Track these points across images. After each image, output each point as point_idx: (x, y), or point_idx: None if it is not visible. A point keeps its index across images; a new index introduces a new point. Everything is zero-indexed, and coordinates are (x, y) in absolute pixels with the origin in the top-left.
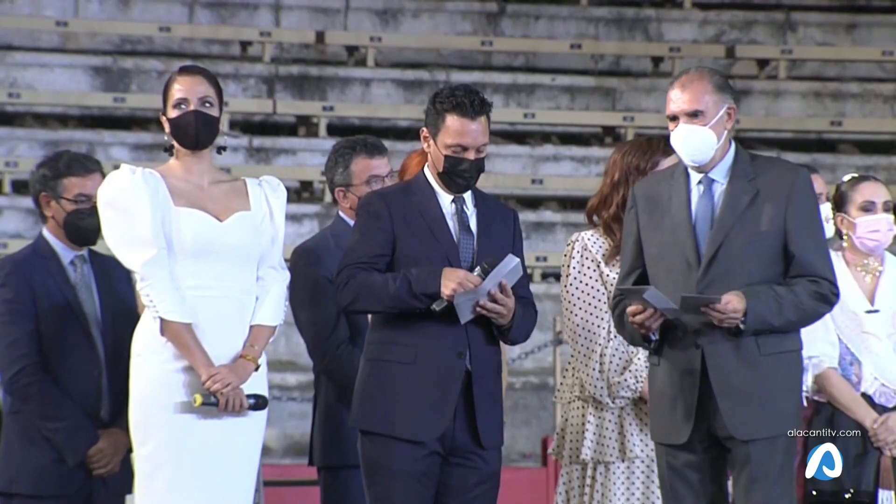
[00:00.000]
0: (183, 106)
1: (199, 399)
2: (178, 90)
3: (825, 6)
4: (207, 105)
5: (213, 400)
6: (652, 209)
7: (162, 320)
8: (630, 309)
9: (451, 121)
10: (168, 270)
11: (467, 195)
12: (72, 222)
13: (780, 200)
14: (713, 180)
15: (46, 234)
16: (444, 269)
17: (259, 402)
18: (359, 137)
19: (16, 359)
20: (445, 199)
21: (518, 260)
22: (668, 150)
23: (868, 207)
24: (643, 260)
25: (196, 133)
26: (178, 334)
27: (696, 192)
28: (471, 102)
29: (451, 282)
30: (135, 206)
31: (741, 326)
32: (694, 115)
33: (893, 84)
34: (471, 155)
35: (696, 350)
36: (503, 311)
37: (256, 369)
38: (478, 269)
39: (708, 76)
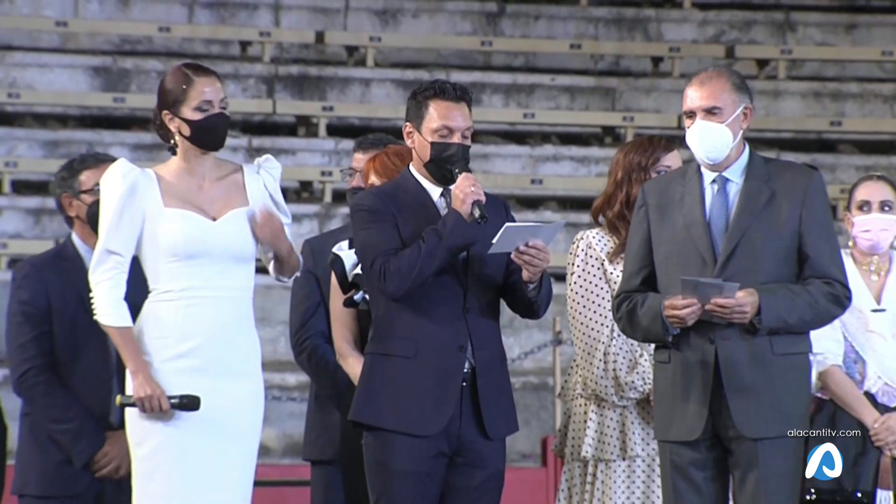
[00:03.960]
0: (207, 109)
1: (118, 399)
2: (201, 92)
3: (825, 6)
4: (224, 107)
5: (132, 400)
6: (663, 208)
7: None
8: (680, 302)
9: (435, 105)
10: (113, 274)
11: None
12: (93, 213)
13: (796, 202)
14: (728, 179)
15: (74, 238)
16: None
17: (184, 402)
18: (376, 134)
19: (23, 360)
20: (435, 192)
21: (559, 227)
22: (670, 147)
23: (863, 207)
24: (652, 258)
25: (224, 135)
26: (113, 337)
27: (709, 190)
28: (452, 87)
29: (468, 188)
30: (108, 203)
31: (756, 324)
32: (711, 111)
33: (893, 84)
34: (456, 138)
35: (710, 346)
36: (541, 263)
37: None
38: (476, 210)
39: (726, 75)
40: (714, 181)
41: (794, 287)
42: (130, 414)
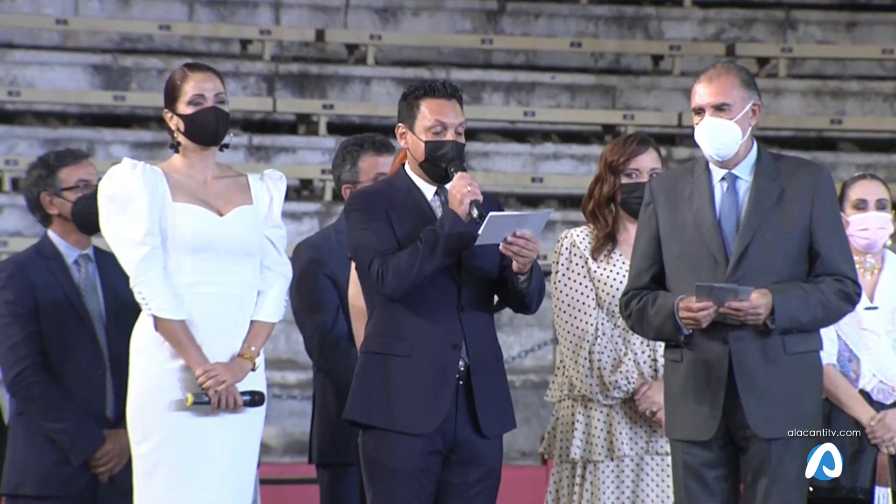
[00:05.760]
0: (200, 103)
1: (190, 398)
2: (192, 87)
3: (825, 4)
4: (221, 102)
5: (206, 398)
6: (672, 206)
7: (155, 318)
8: (695, 305)
9: (426, 104)
10: (162, 267)
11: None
12: (80, 211)
13: (806, 199)
14: (737, 177)
15: (51, 234)
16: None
17: (255, 399)
18: (367, 135)
19: (17, 361)
20: (429, 191)
21: (546, 216)
22: (643, 147)
23: (860, 205)
24: (660, 256)
25: (217, 129)
26: (171, 332)
27: (719, 188)
28: (442, 85)
29: (464, 188)
30: (133, 201)
31: (769, 324)
32: (720, 108)
33: (893, 82)
34: (450, 134)
35: (723, 346)
36: (529, 254)
37: (254, 369)
38: (474, 210)
39: (735, 71)
40: (723, 179)
41: (807, 286)
42: (132, 411)
